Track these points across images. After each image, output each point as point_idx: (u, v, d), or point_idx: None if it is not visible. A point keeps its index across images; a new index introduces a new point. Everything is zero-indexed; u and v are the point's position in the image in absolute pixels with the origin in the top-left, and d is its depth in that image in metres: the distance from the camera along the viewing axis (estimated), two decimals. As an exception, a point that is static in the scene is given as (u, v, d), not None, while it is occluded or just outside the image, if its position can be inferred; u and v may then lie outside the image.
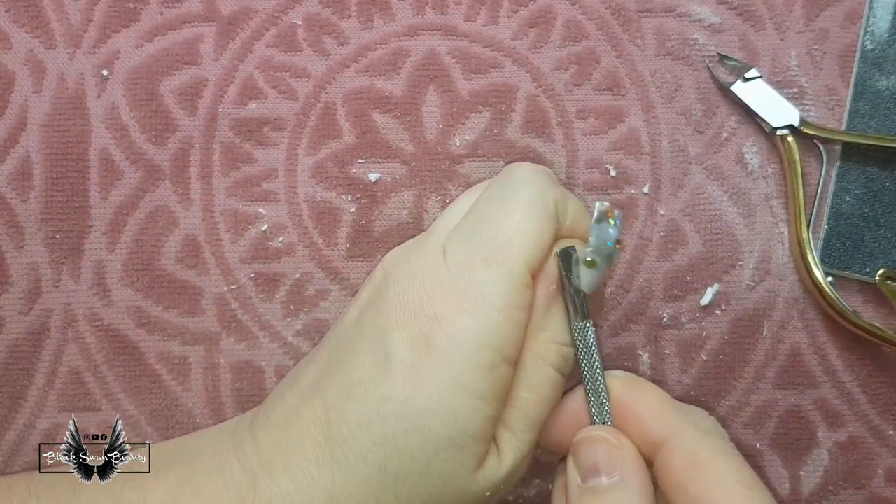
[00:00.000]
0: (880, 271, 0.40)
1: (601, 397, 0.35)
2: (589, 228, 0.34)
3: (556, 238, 0.34)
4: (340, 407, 0.32)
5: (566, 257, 0.34)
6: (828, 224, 0.41)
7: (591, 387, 0.35)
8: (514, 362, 0.32)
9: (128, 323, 0.41)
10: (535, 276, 0.33)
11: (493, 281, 0.32)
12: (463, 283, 0.32)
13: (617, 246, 0.34)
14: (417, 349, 0.31)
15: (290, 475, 0.32)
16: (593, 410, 0.35)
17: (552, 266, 0.33)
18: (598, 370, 0.35)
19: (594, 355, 0.34)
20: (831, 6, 0.43)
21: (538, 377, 0.33)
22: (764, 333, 0.41)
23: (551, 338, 0.33)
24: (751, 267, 0.41)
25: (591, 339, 0.34)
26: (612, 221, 0.34)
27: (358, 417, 0.31)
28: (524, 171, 0.34)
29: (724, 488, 0.30)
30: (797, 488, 0.41)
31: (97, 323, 0.41)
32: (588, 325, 0.34)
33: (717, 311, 0.41)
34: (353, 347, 0.34)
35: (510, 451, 0.32)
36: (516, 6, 0.42)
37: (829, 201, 0.42)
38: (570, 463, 0.33)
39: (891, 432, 0.41)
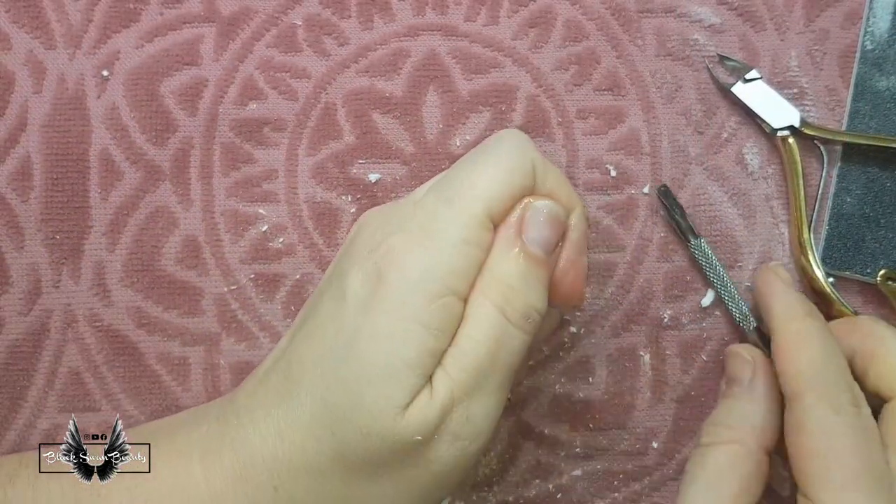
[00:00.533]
0: (881, 272, 0.40)
1: (735, 298, 0.41)
2: (568, 196, 0.35)
3: (531, 194, 0.33)
4: (301, 349, 0.33)
5: (665, 193, 0.41)
6: (829, 225, 0.41)
7: (722, 290, 0.41)
8: (465, 299, 0.32)
9: (128, 323, 0.41)
10: (497, 222, 0.33)
11: (449, 217, 0.32)
12: (424, 222, 0.32)
13: None
14: (370, 282, 0.32)
15: (252, 418, 0.33)
16: (732, 309, 0.41)
17: (517, 214, 0.33)
18: (723, 275, 0.41)
19: (716, 264, 0.41)
20: (831, 7, 0.43)
21: (477, 313, 0.32)
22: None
23: (497, 276, 0.32)
24: (750, 268, 0.41)
25: (709, 251, 0.41)
26: None
27: (313, 356, 0.32)
28: (505, 132, 0.35)
29: None
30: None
31: (97, 323, 0.41)
32: (701, 240, 0.41)
33: (717, 312, 0.41)
34: (321, 295, 0.34)
35: (441, 388, 0.31)
36: (516, 6, 0.42)
37: (829, 202, 0.42)
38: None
39: (891, 433, 0.41)
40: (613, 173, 0.42)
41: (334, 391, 0.31)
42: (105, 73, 0.41)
